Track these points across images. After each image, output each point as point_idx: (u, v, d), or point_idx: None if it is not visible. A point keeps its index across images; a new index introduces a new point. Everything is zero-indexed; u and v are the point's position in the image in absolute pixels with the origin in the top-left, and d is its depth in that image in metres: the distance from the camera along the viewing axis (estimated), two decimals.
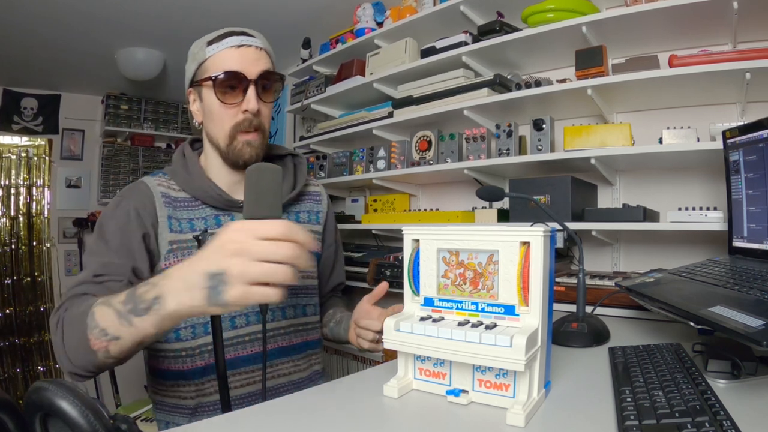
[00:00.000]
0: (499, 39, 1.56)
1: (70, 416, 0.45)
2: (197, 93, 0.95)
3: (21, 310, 2.89)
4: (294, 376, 1.01)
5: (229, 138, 0.91)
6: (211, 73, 0.89)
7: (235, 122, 0.90)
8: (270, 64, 0.94)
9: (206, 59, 0.90)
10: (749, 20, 1.20)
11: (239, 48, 0.89)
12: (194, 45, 0.95)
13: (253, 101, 0.89)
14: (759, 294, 0.69)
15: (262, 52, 0.93)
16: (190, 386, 0.91)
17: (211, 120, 0.92)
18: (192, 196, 0.94)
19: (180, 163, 0.97)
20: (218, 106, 0.90)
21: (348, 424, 0.56)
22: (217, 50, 0.89)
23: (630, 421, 0.51)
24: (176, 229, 0.91)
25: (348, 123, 2.12)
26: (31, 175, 3.06)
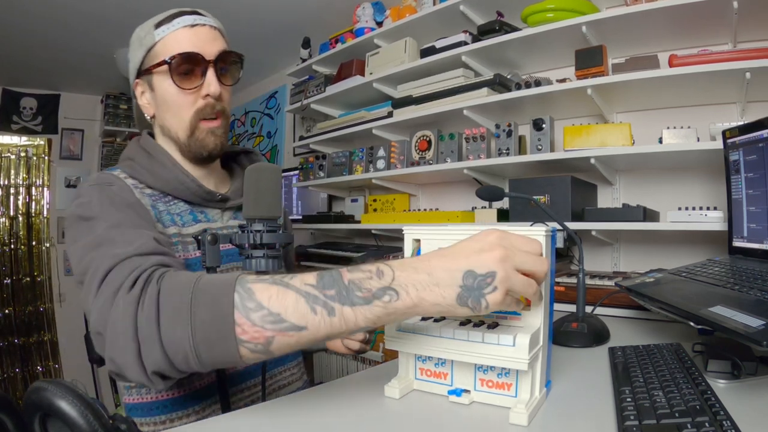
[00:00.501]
0: (498, 39, 1.56)
1: (70, 416, 0.45)
2: (147, 83, 0.84)
3: (20, 310, 2.89)
4: (293, 386, 0.94)
5: (190, 128, 0.82)
6: (164, 56, 0.79)
7: (195, 109, 0.81)
8: (226, 44, 0.84)
9: (156, 43, 0.80)
10: (749, 20, 1.21)
11: (193, 27, 0.80)
12: (139, 29, 0.84)
13: (215, 84, 0.80)
14: (759, 294, 0.69)
15: (217, 32, 0.83)
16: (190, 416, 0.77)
17: (167, 110, 0.82)
18: (161, 192, 0.82)
19: (143, 156, 0.83)
20: (175, 94, 0.80)
21: (349, 424, 0.56)
22: (167, 32, 0.79)
23: (630, 421, 0.51)
24: (160, 219, 0.79)
25: (347, 123, 2.12)
26: (30, 175, 3.06)
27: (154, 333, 0.52)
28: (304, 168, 2.33)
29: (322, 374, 2.17)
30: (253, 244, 0.69)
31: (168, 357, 0.53)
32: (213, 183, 0.91)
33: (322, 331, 0.51)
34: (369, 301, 0.50)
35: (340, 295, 0.50)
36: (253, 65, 3.04)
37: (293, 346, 0.52)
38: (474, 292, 0.49)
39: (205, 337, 0.51)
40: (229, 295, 0.51)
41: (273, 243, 0.70)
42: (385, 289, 0.50)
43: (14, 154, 3.00)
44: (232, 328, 0.51)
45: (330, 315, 0.50)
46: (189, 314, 0.52)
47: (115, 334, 0.54)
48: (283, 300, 0.51)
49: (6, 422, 0.68)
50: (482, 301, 0.49)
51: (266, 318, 0.50)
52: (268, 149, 3.31)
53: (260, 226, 0.69)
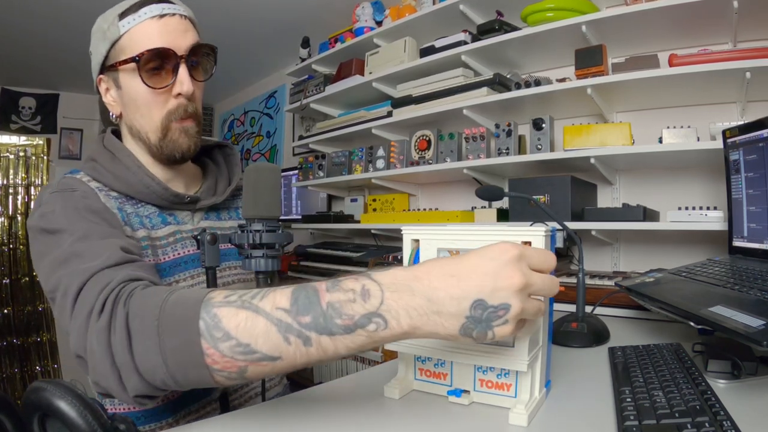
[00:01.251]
0: (498, 38, 1.55)
1: (69, 416, 0.45)
2: (112, 79, 0.77)
3: (19, 310, 2.88)
4: (271, 392, 0.89)
5: (161, 129, 0.76)
6: (131, 52, 0.71)
7: (167, 110, 0.75)
8: (197, 35, 0.77)
9: (121, 36, 0.72)
10: (749, 19, 1.20)
11: (161, 18, 0.72)
12: (101, 20, 0.76)
13: (187, 82, 0.73)
14: (759, 294, 0.69)
15: (188, 22, 0.76)
16: (190, 415, 0.76)
17: (136, 110, 0.76)
18: (126, 195, 0.76)
19: (105, 158, 0.77)
20: (144, 93, 0.73)
21: (348, 425, 0.56)
22: (134, 23, 0.72)
23: (630, 421, 0.51)
24: (128, 222, 0.74)
25: (347, 122, 2.12)
26: (29, 175, 3.05)
27: (129, 361, 0.50)
28: (303, 168, 2.32)
29: (322, 374, 2.17)
30: (253, 244, 0.69)
31: (147, 381, 0.50)
32: (183, 183, 0.85)
33: (300, 360, 0.46)
34: (351, 330, 0.44)
35: (317, 323, 0.44)
36: (253, 65, 3.04)
37: (271, 373, 0.48)
38: (481, 324, 0.43)
39: (178, 364, 0.48)
40: (194, 321, 0.46)
41: (272, 243, 0.70)
42: (370, 315, 0.43)
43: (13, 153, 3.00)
44: (202, 358, 0.46)
45: (306, 345, 0.44)
46: (158, 341, 0.48)
47: (94, 361, 0.52)
48: (252, 329, 0.45)
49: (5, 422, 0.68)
50: (489, 333, 0.44)
51: (235, 349, 0.45)
52: (267, 149, 3.31)
53: (259, 226, 0.69)
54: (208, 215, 0.87)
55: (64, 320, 0.57)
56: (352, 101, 2.23)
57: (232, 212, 0.93)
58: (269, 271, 0.70)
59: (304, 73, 2.42)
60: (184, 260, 0.78)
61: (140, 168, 0.77)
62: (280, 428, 0.56)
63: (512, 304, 0.43)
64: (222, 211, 0.90)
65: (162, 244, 0.77)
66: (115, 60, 0.74)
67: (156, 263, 0.75)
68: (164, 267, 0.76)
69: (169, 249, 0.77)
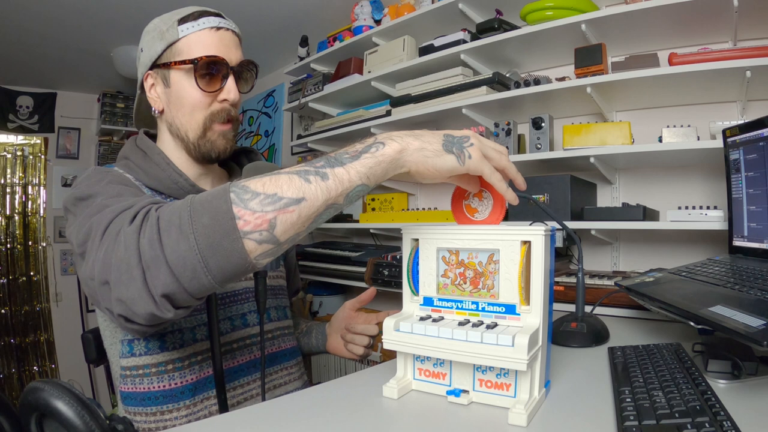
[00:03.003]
0: (497, 37, 1.55)
1: (66, 417, 0.44)
2: (161, 76, 0.82)
3: (16, 310, 2.88)
4: (290, 386, 0.92)
5: (202, 128, 0.82)
6: (188, 55, 0.78)
7: (210, 112, 0.81)
8: (241, 50, 0.86)
9: (179, 39, 0.79)
10: (750, 18, 1.20)
11: (218, 31, 0.80)
12: (159, 21, 0.82)
13: (234, 91, 0.81)
14: (759, 293, 0.68)
15: (237, 39, 0.84)
16: (180, 410, 0.77)
17: (180, 108, 0.81)
18: (156, 191, 0.82)
19: (138, 156, 0.84)
20: (194, 94, 0.79)
21: (347, 425, 0.56)
22: (192, 30, 0.79)
23: (630, 421, 0.51)
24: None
25: (346, 121, 2.12)
26: (26, 174, 3.04)
27: (159, 254, 0.51)
28: None
29: (320, 374, 2.17)
30: None
31: (176, 276, 0.51)
32: (210, 182, 0.90)
33: (320, 197, 0.51)
34: (357, 157, 0.53)
35: (329, 161, 0.53)
36: None
37: (297, 224, 0.52)
38: (456, 144, 0.56)
39: (209, 242, 0.50)
40: (225, 196, 0.51)
41: None
42: (370, 145, 0.54)
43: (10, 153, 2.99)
44: (234, 223, 0.50)
45: (324, 179, 0.52)
46: (190, 225, 0.51)
47: (119, 270, 0.53)
48: (276, 182, 0.51)
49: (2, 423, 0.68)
50: (465, 152, 0.56)
51: (264, 201, 0.50)
52: (265, 148, 3.30)
53: None
54: None
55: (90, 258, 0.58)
56: (351, 100, 2.22)
57: None
58: (268, 269, 0.70)
59: (303, 71, 2.41)
60: None
61: (169, 165, 0.82)
62: (280, 428, 0.56)
63: (470, 136, 0.58)
64: None
65: None
66: (171, 60, 0.80)
67: None
68: None
69: None
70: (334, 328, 1.03)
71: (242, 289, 0.88)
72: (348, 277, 1.92)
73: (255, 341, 0.87)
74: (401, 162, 0.55)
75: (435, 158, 0.56)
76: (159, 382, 0.77)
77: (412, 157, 0.56)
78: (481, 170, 0.58)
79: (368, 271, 1.77)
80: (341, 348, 1.00)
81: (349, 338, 0.96)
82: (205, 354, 0.80)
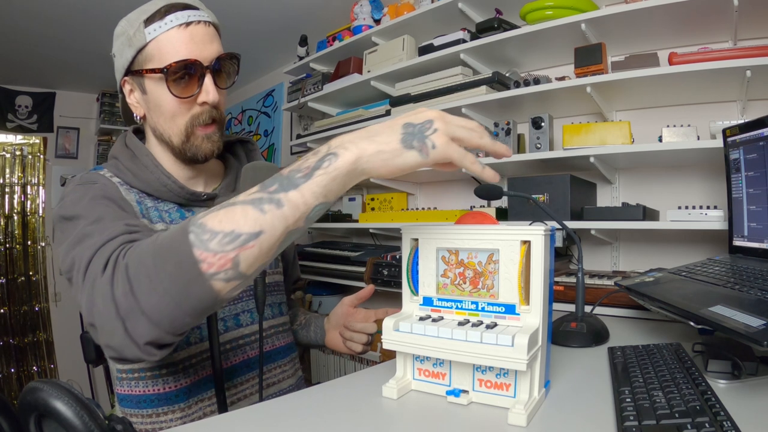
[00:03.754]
0: (497, 36, 1.55)
1: (65, 417, 0.44)
2: (136, 83, 0.79)
3: (15, 310, 2.87)
4: (284, 383, 0.92)
5: (185, 134, 0.78)
6: (158, 62, 0.74)
7: (191, 116, 0.78)
8: (220, 42, 0.80)
9: (147, 44, 0.74)
10: (750, 17, 1.20)
11: (187, 27, 0.74)
12: (125, 24, 0.77)
13: (213, 92, 0.76)
14: (759, 293, 0.68)
15: (212, 29, 0.78)
16: (175, 412, 0.77)
17: (160, 115, 0.78)
18: (145, 193, 0.81)
19: (126, 156, 0.82)
20: (170, 101, 0.76)
21: (347, 425, 0.56)
22: (160, 31, 0.73)
23: (629, 421, 0.51)
24: (147, 215, 0.79)
25: (345, 121, 2.11)
26: (25, 174, 3.04)
27: (134, 305, 0.52)
28: None
29: (319, 374, 2.16)
30: None
31: (155, 323, 0.52)
32: (203, 180, 0.89)
33: (278, 226, 0.50)
34: (310, 176, 0.50)
35: (283, 183, 0.50)
36: (250, 63, 3.02)
37: (260, 256, 0.51)
38: (417, 135, 0.50)
39: (179, 289, 0.51)
40: (184, 238, 0.51)
41: None
42: (323, 157, 0.50)
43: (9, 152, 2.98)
44: (198, 268, 0.50)
45: (279, 207, 0.49)
46: (157, 274, 0.51)
47: (102, 319, 0.55)
48: (231, 217, 0.50)
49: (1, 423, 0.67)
50: (427, 142, 0.50)
51: (223, 240, 0.49)
52: (265, 148, 3.30)
53: None
54: None
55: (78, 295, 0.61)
56: (351, 100, 2.22)
57: None
58: (265, 270, 0.70)
59: (302, 71, 2.41)
60: None
61: (157, 167, 0.81)
62: (278, 428, 0.55)
63: (433, 119, 0.51)
64: None
65: None
66: (142, 67, 0.76)
67: None
68: None
69: None
70: (333, 324, 1.03)
71: None
72: (347, 277, 1.92)
73: (248, 341, 0.87)
74: (359, 171, 0.51)
75: (395, 159, 0.51)
76: (154, 386, 0.77)
77: (370, 163, 0.51)
78: (449, 157, 0.52)
79: (368, 270, 1.76)
80: (339, 344, 1.00)
81: (348, 335, 0.96)
82: (199, 357, 0.80)
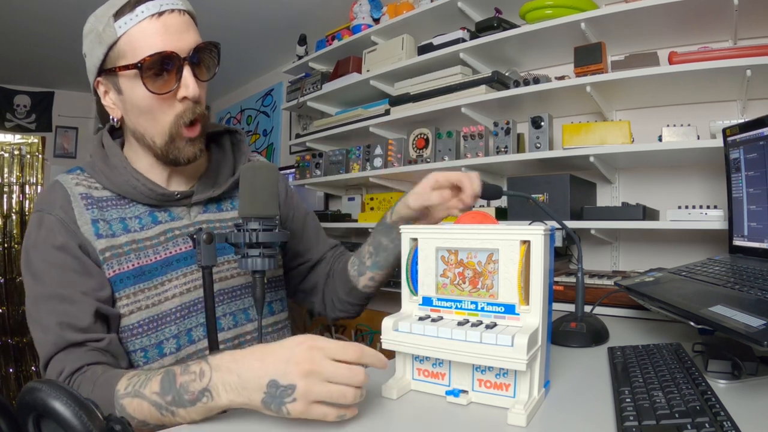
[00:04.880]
0: (497, 36, 1.55)
1: (64, 417, 0.44)
2: (111, 83, 0.74)
3: (14, 310, 2.87)
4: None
5: (169, 134, 0.74)
6: (132, 57, 0.69)
7: (174, 114, 0.73)
8: (197, 31, 0.74)
9: (118, 39, 0.69)
10: (750, 17, 1.20)
11: (160, 17, 0.69)
12: (94, 20, 0.72)
13: (193, 85, 0.71)
14: (760, 293, 0.68)
15: (187, 17, 0.72)
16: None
17: (140, 115, 0.73)
18: (117, 194, 0.78)
19: (100, 158, 0.79)
20: (149, 99, 0.71)
21: (346, 425, 0.55)
22: (131, 24, 0.68)
23: (629, 422, 0.51)
24: (106, 233, 0.74)
25: (344, 120, 2.11)
26: (24, 173, 3.03)
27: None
28: (300, 166, 2.31)
29: None
30: (249, 243, 0.68)
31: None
32: (185, 178, 0.84)
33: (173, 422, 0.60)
34: (194, 403, 0.57)
35: (175, 400, 0.58)
36: (249, 62, 3.02)
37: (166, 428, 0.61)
38: (276, 400, 0.53)
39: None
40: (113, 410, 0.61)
41: (269, 242, 0.69)
42: (203, 390, 0.57)
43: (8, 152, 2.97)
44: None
45: (174, 416, 0.59)
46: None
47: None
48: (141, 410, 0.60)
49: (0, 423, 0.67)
50: (283, 409, 0.53)
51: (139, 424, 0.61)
52: (264, 147, 3.30)
53: (256, 225, 0.68)
54: (207, 207, 0.85)
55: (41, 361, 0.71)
56: (350, 99, 2.22)
57: (236, 201, 0.89)
58: (266, 270, 0.70)
59: (301, 70, 2.41)
60: (176, 258, 0.78)
61: (126, 169, 0.77)
62: (277, 428, 0.55)
63: (297, 385, 0.52)
64: (224, 202, 0.88)
65: (152, 244, 0.77)
66: (114, 65, 0.71)
67: (145, 264, 0.75)
68: (155, 266, 0.76)
69: (161, 248, 0.77)
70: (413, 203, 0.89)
71: (238, 285, 0.86)
72: None
73: (245, 340, 0.85)
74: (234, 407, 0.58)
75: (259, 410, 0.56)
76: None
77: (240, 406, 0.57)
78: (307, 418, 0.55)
79: None
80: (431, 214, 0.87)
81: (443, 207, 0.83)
82: (199, 355, 0.78)
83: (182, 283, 0.77)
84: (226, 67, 3.22)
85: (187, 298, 0.78)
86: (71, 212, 0.74)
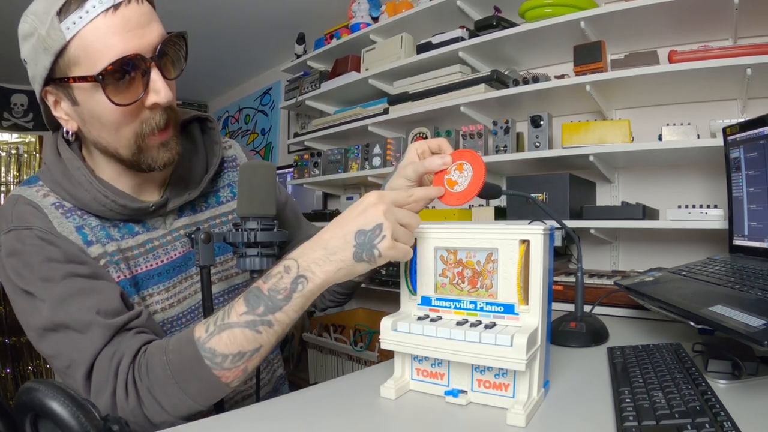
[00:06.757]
0: (496, 34, 1.54)
1: (61, 417, 0.44)
2: (63, 93, 0.63)
3: (11, 310, 2.86)
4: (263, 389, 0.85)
5: (136, 146, 0.65)
6: (88, 65, 0.58)
7: (140, 121, 0.64)
8: (159, 20, 0.64)
9: (68, 43, 0.57)
10: (750, 15, 1.20)
11: (116, 11, 0.57)
12: (33, 20, 0.59)
13: (164, 89, 0.62)
14: (760, 293, 0.68)
15: (146, 6, 0.61)
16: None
17: (101, 128, 0.64)
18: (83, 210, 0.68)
19: (58, 170, 0.68)
20: (111, 111, 0.61)
21: (345, 426, 0.55)
22: (81, 24, 0.56)
23: (629, 422, 0.50)
24: (94, 239, 0.67)
25: (343, 119, 2.11)
26: (21, 173, 3.02)
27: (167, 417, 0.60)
28: (298, 165, 2.31)
29: (317, 375, 2.16)
30: (248, 243, 0.68)
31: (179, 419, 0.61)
32: (156, 185, 0.77)
33: (273, 340, 0.60)
34: (290, 299, 0.58)
35: (267, 307, 0.58)
36: (247, 61, 3.02)
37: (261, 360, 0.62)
38: (367, 246, 0.57)
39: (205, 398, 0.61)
40: (200, 364, 0.59)
41: (267, 241, 0.68)
42: (296, 279, 0.58)
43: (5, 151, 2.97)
44: (219, 381, 0.60)
45: (270, 326, 0.59)
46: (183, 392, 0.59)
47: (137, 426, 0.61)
48: (235, 340, 0.59)
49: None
50: (374, 252, 0.57)
51: (234, 359, 0.59)
52: (262, 146, 3.29)
53: (254, 224, 0.68)
54: (182, 213, 0.78)
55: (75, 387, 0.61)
56: (348, 98, 2.21)
57: (210, 199, 0.83)
58: (265, 269, 0.69)
59: (300, 69, 2.40)
60: (157, 272, 0.73)
61: (91, 183, 0.67)
62: (276, 429, 0.55)
63: (383, 222, 0.57)
64: (198, 202, 0.81)
65: (134, 255, 0.71)
66: (66, 75, 0.60)
67: (132, 276, 0.70)
68: (138, 279, 0.71)
69: (141, 260, 0.72)
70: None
71: (238, 284, 0.85)
72: None
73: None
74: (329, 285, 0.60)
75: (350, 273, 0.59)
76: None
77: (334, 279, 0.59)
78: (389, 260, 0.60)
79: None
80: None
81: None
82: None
83: (164, 298, 0.73)
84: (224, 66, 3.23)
85: (170, 313, 0.73)
86: (50, 224, 0.64)
